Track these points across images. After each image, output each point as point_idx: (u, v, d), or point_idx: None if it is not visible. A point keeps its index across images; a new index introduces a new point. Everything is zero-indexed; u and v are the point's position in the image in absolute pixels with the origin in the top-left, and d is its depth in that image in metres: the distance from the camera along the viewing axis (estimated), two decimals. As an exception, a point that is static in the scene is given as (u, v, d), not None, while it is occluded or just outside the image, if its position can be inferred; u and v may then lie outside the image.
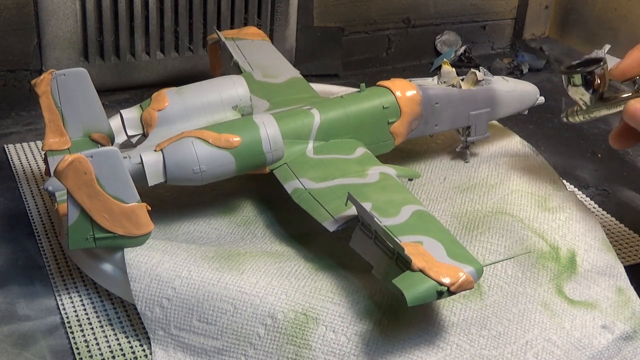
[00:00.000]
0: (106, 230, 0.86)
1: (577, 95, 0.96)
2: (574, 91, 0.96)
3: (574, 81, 0.94)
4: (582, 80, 0.94)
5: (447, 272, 0.77)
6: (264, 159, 0.98)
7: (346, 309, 0.84)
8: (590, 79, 0.94)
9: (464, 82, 1.12)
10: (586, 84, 0.94)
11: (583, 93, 0.95)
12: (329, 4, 1.62)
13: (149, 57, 1.47)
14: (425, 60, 1.73)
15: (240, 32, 1.32)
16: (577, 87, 0.95)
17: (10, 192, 1.15)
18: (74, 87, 1.00)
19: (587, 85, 0.94)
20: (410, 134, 1.09)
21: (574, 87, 0.95)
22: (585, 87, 0.94)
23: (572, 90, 0.96)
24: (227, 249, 0.92)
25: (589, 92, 0.95)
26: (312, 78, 1.46)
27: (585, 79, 0.94)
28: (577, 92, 0.96)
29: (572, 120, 1.01)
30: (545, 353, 0.83)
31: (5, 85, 1.42)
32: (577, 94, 0.96)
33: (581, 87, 0.94)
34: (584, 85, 0.94)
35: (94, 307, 0.93)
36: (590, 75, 0.93)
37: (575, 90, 0.95)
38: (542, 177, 1.10)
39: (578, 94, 0.96)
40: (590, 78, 0.94)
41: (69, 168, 0.82)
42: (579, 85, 0.94)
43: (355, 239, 0.87)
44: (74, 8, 1.39)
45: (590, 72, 0.93)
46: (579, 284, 0.93)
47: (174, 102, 1.02)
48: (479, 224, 0.99)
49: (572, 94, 0.96)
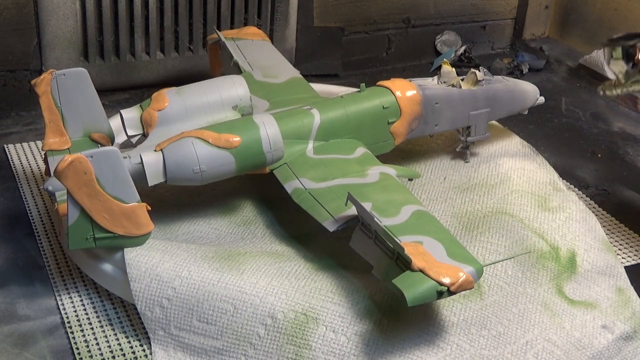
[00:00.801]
0: (106, 230, 0.86)
1: (617, 68, 0.96)
2: (614, 64, 0.95)
3: (615, 54, 0.94)
4: (623, 53, 0.94)
5: (447, 272, 0.77)
6: (264, 159, 0.98)
7: (346, 309, 0.84)
8: (631, 52, 0.93)
9: (464, 82, 1.12)
10: (627, 57, 0.94)
11: (622, 66, 0.95)
12: (329, 4, 1.62)
13: (149, 57, 1.47)
14: (425, 60, 1.73)
15: (240, 32, 1.32)
16: (618, 60, 0.94)
17: (10, 192, 1.15)
18: (74, 87, 1.00)
19: (627, 58, 0.94)
20: (410, 134, 1.09)
21: (614, 60, 0.95)
22: (626, 60, 0.94)
23: (613, 63, 0.95)
24: (227, 249, 0.92)
25: (629, 65, 0.94)
26: (312, 78, 1.46)
27: (626, 52, 0.94)
28: (617, 65, 0.95)
29: (608, 93, 1.00)
30: (545, 353, 0.83)
31: (5, 85, 1.41)
32: (617, 66, 0.95)
33: (621, 60, 0.94)
34: (625, 58, 0.94)
35: (94, 307, 0.93)
36: (632, 48, 0.93)
37: (615, 63, 0.95)
38: (542, 177, 1.10)
39: (618, 66, 0.95)
40: (631, 51, 0.93)
41: (69, 168, 0.82)
42: (620, 58, 0.94)
43: (355, 239, 0.87)
44: (74, 8, 1.39)
45: (632, 46, 0.93)
46: (579, 284, 0.93)
47: (174, 102, 1.02)
48: (479, 224, 0.99)
49: (612, 66, 0.96)
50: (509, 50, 1.82)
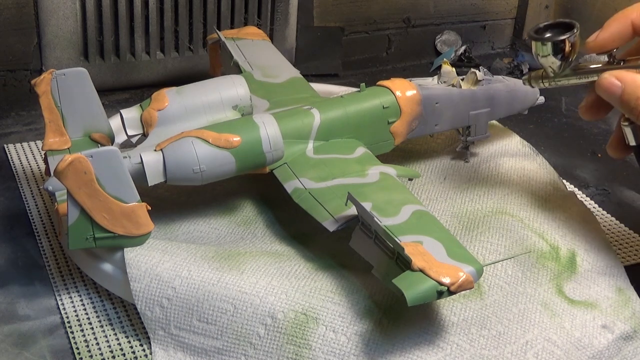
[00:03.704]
0: (106, 230, 0.86)
1: (546, 62, 0.90)
2: (543, 58, 0.90)
3: (544, 48, 0.89)
4: (553, 47, 0.88)
5: (447, 272, 0.77)
6: (264, 158, 0.98)
7: (346, 309, 0.84)
8: (562, 46, 0.88)
9: (464, 82, 1.12)
10: (556, 51, 0.88)
11: (553, 61, 0.90)
12: (329, 4, 1.62)
13: (149, 57, 1.47)
14: (425, 60, 1.73)
15: (240, 32, 1.32)
16: (547, 55, 0.89)
17: (10, 192, 1.15)
18: (74, 87, 1.00)
19: (557, 53, 0.89)
20: (410, 134, 1.09)
21: (542, 54, 0.89)
22: (555, 55, 0.89)
23: (541, 57, 0.90)
24: (227, 249, 0.92)
25: (558, 59, 0.89)
26: (312, 78, 1.46)
27: (556, 45, 0.88)
28: (547, 60, 0.90)
29: (534, 85, 0.95)
30: (545, 353, 0.83)
31: (5, 85, 1.42)
32: (546, 61, 0.90)
33: (551, 54, 0.89)
34: (554, 52, 0.89)
35: (94, 307, 0.93)
36: (562, 42, 0.88)
37: (544, 57, 0.90)
38: (542, 177, 1.10)
39: (548, 61, 0.90)
40: (562, 45, 0.88)
41: (69, 168, 0.82)
42: (549, 53, 0.89)
43: (355, 239, 0.87)
44: (74, 8, 1.39)
45: (562, 40, 0.88)
46: (579, 283, 0.93)
47: (174, 102, 1.02)
48: (479, 223, 0.99)
49: (540, 60, 0.91)
50: (509, 50, 1.82)
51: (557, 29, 0.89)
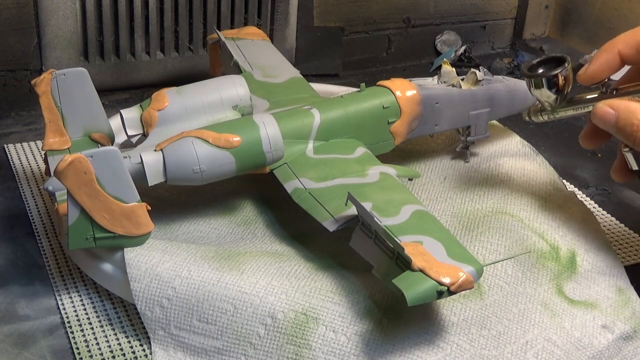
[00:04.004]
0: (106, 230, 0.86)
1: (542, 97, 0.94)
2: (539, 93, 0.93)
3: (538, 84, 0.92)
4: (547, 83, 0.92)
5: (447, 272, 0.77)
6: (264, 158, 0.98)
7: (346, 309, 0.84)
8: (555, 80, 0.92)
9: (464, 82, 1.12)
10: (550, 86, 0.92)
11: (548, 95, 0.93)
12: (329, 4, 1.62)
13: (149, 57, 1.47)
14: (425, 60, 1.73)
15: (240, 32, 1.32)
16: (542, 90, 0.93)
17: (10, 192, 1.15)
18: (74, 87, 1.00)
19: (551, 87, 0.92)
20: (410, 134, 1.09)
21: (537, 89, 0.93)
22: (550, 89, 0.92)
23: (537, 92, 0.94)
24: (227, 249, 0.92)
25: (553, 93, 0.93)
26: (312, 78, 1.46)
27: (549, 81, 0.92)
28: (542, 95, 0.93)
29: (534, 119, 0.99)
30: (545, 353, 0.83)
31: (5, 85, 1.42)
32: (542, 96, 0.94)
33: (546, 89, 0.92)
34: (549, 87, 0.92)
35: (94, 307, 0.93)
36: (555, 77, 0.91)
37: (539, 92, 0.93)
38: (542, 177, 1.10)
39: (543, 96, 0.94)
40: (555, 80, 0.92)
41: (69, 168, 0.82)
42: (544, 87, 0.92)
43: (355, 239, 0.87)
44: (74, 8, 1.39)
45: (555, 75, 0.91)
46: (579, 283, 0.93)
47: (174, 102, 1.02)
48: (479, 223, 0.99)
49: (536, 95, 0.94)
50: (509, 50, 1.82)
51: (550, 64, 0.93)
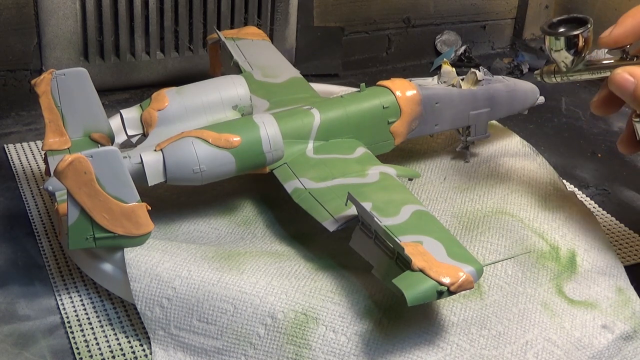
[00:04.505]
0: (106, 230, 0.86)
1: (559, 57, 0.91)
2: (556, 52, 0.90)
3: (557, 43, 0.89)
4: (566, 42, 0.89)
5: (447, 272, 0.77)
6: (264, 158, 0.98)
7: (346, 309, 0.84)
8: (575, 41, 0.88)
9: (464, 82, 1.12)
10: (570, 46, 0.89)
11: (566, 56, 0.90)
12: (329, 4, 1.62)
13: (149, 57, 1.47)
14: (425, 60, 1.73)
15: (240, 32, 1.32)
16: (560, 49, 0.89)
17: (10, 192, 1.15)
18: (74, 87, 1.00)
19: (570, 48, 0.89)
20: (410, 134, 1.09)
21: (556, 48, 0.90)
22: (568, 49, 0.89)
23: (554, 52, 0.90)
24: (227, 249, 0.92)
25: (571, 54, 0.90)
26: (312, 78, 1.46)
27: (569, 40, 0.88)
28: (560, 54, 0.90)
29: (547, 80, 0.96)
30: (545, 353, 0.83)
31: (5, 85, 1.42)
32: (559, 56, 0.90)
33: (564, 49, 0.89)
34: (567, 47, 0.89)
35: (94, 307, 0.93)
36: (576, 37, 0.88)
37: (557, 52, 0.90)
38: (542, 177, 1.10)
39: (561, 56, 0.90)
40: (575, 40, 0.88)
41: (69, 168, 0.82)
42: (562, 47, 0.89)
43: (355, 239, 0.87)
44: (74, 8, 1.39)
45: (576, 35, 0.88)
46: (579, 283, 0.93)
47: (174, 102, 1.02)
48: (479, 223, 0.99)
49: (553, 55, 0.91)
50: (509, 50, 1.82)
51: (571, 24, 0.89)
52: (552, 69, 0.94)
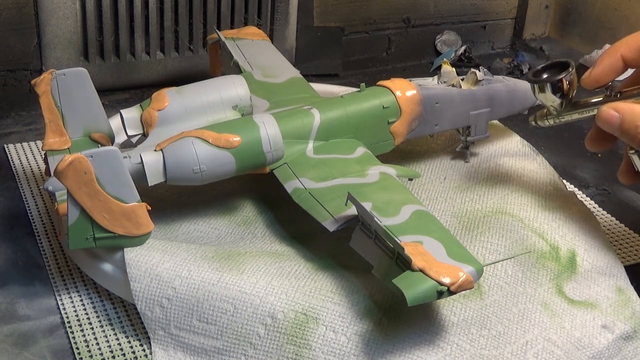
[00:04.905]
0: (106, 230, 0.86)
1: (547, 101, 0.95)
2: (544, 98, 0.95)
3: (543, 89, 0.93)
4: (552, 87, 0.93)
5: (447, 272, 0.77)
6: (264, 158, 0.98)
7: (346, 309, 0.84)
8: (559, 85, 0.93)
9: (464, 82, 1.12)
10: (555, 90, 0.93)
11: (553, 100, 0.94)
12: (329, 4, 1.62)
13: (149, 57, 1.47)
14: (425, 60, 1.73)
15: (240, 32, 1.32)
16: (547, 94, 0.94)
17: (10, 192, 1.15)
18: (74, 87, 1.00)
19: (556, 92, 0.93)
20: (410, 134, 1.09)
21: (543, 94, 0.94)
22: (555, 94, 0.94)
23: (542, 97, 0.95)
24: (227, 249, 0.92)
25: (558, 97, 0.94)
26: (312, 78, 1.46)
27: (554, 86, 0.93)
28: (547, 99, 0.95)
29: (541, 124, 1.00)
30: (545, 353, 0.83)
31: (5, 85, 1.42)
32: (547, 100, 0.95)
33: (551, 94, 0.94)
34: (554, 92, 0.93)
35: (94, 307, 0.93)
36: (560, 82, 0.92)
37: (544, 97, 0.94)
38: (542, 177, 1.10)
39: (548, 100, 0.95)
40: (560, 85, 0.93)
41: (69, 168, 0.82)
42: (548, 92, 0.93)
43: (355, 239, 0.87)
44: (74, 8, 1.39)
45: (559, 80, 0.92)
46: (579, 283, 0.93)
47: (174, 102, 1.02)
48: (479, 223, 0.99)
49: (542, 100, 0.95)
50: (509, 50, 1.82)
51: (554, 69, 0.94)
52: (544, 112, 0.99)
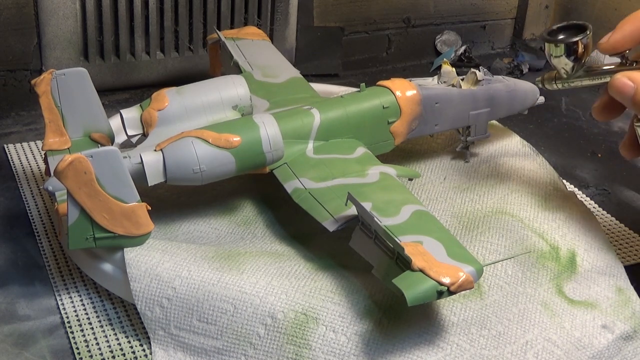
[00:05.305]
0: (106, 230, 0.86)
1: (559, 64, 0.91)
2: (556, 59, 0.91)
3: (557, 50, 0.90)
4: (566, 49, 0.89)
5: (447, 272, 0.77)
6: (264, 158, 0.98)
7: (346, 309, 0.84)
8: (575, 47, 0.89)
9: (464, 82, 1.12)
10: (569, 52, 0.90)
11: (566, 62, 0.91)
12: (329, 4, 1.62)
13: (149, 57, 1.47)
14: (425, 60, 1.74)
15: (240, 32, 1.32)
16: (560, 56, 0.90)
17: (10, 192, 1.15)
18: (74, 87, 1.00)
19: (570, 54, 0.90)
20: (410, 134, 1.09)
21: (556, 55, 0.90)
22: (568, 56, 0.90)
23: (554, 58, 0.91)
24: (227, 249, 0.92)
25: (571, 60, 0.90)
26: (312, 78, 1.46)
27: (569, 47, 0.89)
28: (560, 61, 0.91)
29: (548, 86, 0.96)
30: (545, 353, 0.83)
31: (5, 85, 1.42)
32: (559, 62, 0.91)
33: (564, 56, 0.90)
34: (567, 54, 0.90)
35: (94, 307, 0.93)
36: (575, 44, 0.89)
37: (557, 59, 0.91)
38: (542, 177, 1.10)
39: (561, 62, 0.91)
40: (575, 47, 0.89)
41: (69, 168, 0.82)
42: (562, 54, 0.90)
43: (355, 239, 0.87)
44: (74, 8, 1.39)
45: (575, 42, 0.89)
46: (579, 283, 0.93)
47: (174, 102, 1.02)
48: (479, 223, 0.99)
49: (553, 61, 0.92)
50: (509, 50, 1.82)
51: (570, 31, 0.90)
52: (553, 75, 0.95)
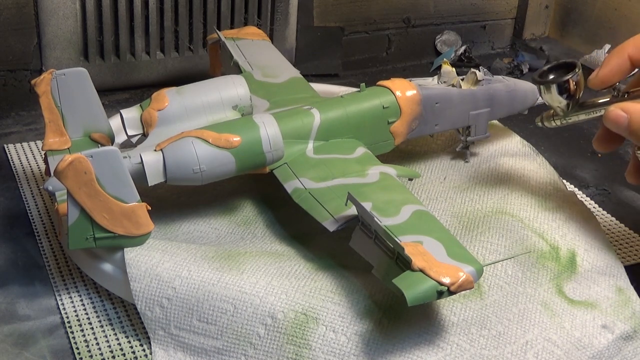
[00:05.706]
0: (106, 230, 0.86)
1: (554, 103, 0.94)
2: (550, 99, 0.94)
3: (549, 90, 0.93)
4: (558, 88, 0.92)
5: (447, 272, 0.77)
6: (264, 158, 0.98)
7: (346, 309, 0.84)
8: (566, 86, 0.92)
9: (464, 82, 1.12)
10: (562, 91, 0.92)
11: (560, 101, 0.93)
12: (329, 4, 1.62)
13: (149, 57, 1.47)
14: (425, 60, 1.73)
15: (240, 32, 1.32)
16: (553, 95, 0.93)
17: (10, 192, 1.15)
18: (74, 87, 1.00)
19: (562, 93, 0.93)
20: (410, 134, 1.09)
21: (549, 95, 0.93)
22: (561, 95, 0.93)
23: (548, 98, 0.94)
24: (227, 249, 0.92)
25: (565, 98, 0.93)
26: (312, 78, 1.46)
27: (560, 87, 0.92)
28: (554, 100, 0.94)
29: (547, 125, 0.99)
30: (545, 353, 0.83)
31: (5, 85, 1.42)
32: (553, 101, 0.94)
33: (557, 95, 0.93)
34: (560, 92, 0.92)
35: (94, 307, 0.93)
36: (567, 82, 0.92)
37: (551, 98, 0.94)
38: (542, 177, 1.10)
39: (555, 101, 0.94)
40: (566, 86, 0.92)
41: (69, 168, 0.82)
42: (555, 94, 0.93)
43: (355, 239, 0.87)
44: (74, 8, 1.39)
45: (566, 81, 0.92)
46: (579, 283, 0.93)
47: (174, 102, 1.02)
48: (479, 223, 0.99)
49: (548, 101, 0.95)
50: (509, 50, 1.82)
51: (560, 70, 0.93)
52: (551, 114, 0.98)
